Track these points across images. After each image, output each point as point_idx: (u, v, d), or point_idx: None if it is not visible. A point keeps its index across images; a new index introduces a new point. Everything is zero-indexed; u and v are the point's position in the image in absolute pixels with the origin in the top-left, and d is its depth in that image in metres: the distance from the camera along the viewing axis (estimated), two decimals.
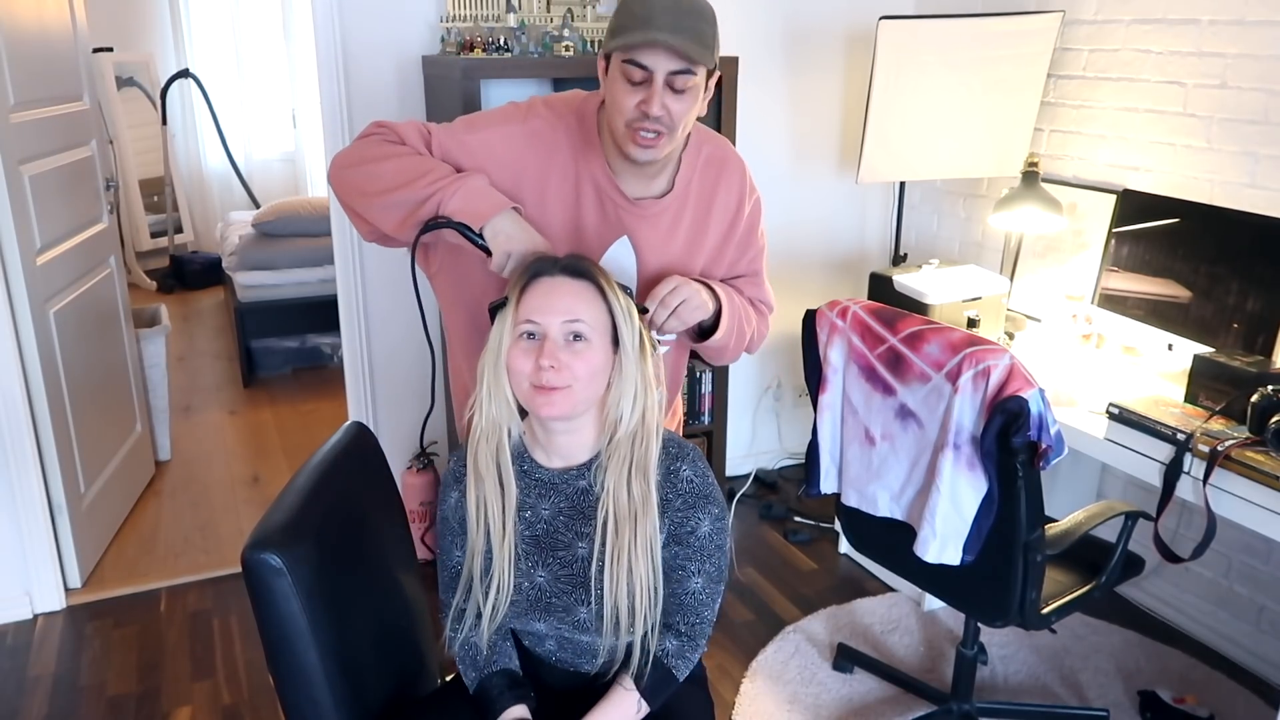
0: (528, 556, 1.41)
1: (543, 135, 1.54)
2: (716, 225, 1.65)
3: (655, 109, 1.41)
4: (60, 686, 2.46)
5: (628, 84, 1.42)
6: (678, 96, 1.43)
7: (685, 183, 1.60)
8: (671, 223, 1.60)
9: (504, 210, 1.44)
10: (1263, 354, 2.16)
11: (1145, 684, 2.46)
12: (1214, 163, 2.48)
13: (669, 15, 1.38)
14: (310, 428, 4.06)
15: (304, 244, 4.61)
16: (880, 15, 2.71)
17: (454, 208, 1.43)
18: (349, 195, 1.52)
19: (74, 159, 3.01)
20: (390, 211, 1.48)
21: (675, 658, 1.42)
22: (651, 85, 1.40)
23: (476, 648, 1.45)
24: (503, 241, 1.43)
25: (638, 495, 1.35)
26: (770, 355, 3.53)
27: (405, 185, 1.46)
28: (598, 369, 1.34)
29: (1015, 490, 1.78)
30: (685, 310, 1.50)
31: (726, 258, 1.68)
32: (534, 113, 1.56)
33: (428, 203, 1.44)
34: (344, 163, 1.53)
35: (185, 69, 6.13)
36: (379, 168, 1.49)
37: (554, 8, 2.88)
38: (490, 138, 1.54)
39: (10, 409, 2.60)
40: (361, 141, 1.55)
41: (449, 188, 1.44)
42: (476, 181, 1.46)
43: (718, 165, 1.64)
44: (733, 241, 1.68)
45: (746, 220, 1.68)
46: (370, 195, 1.49)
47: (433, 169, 1.47)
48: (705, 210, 1.63)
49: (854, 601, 2.82)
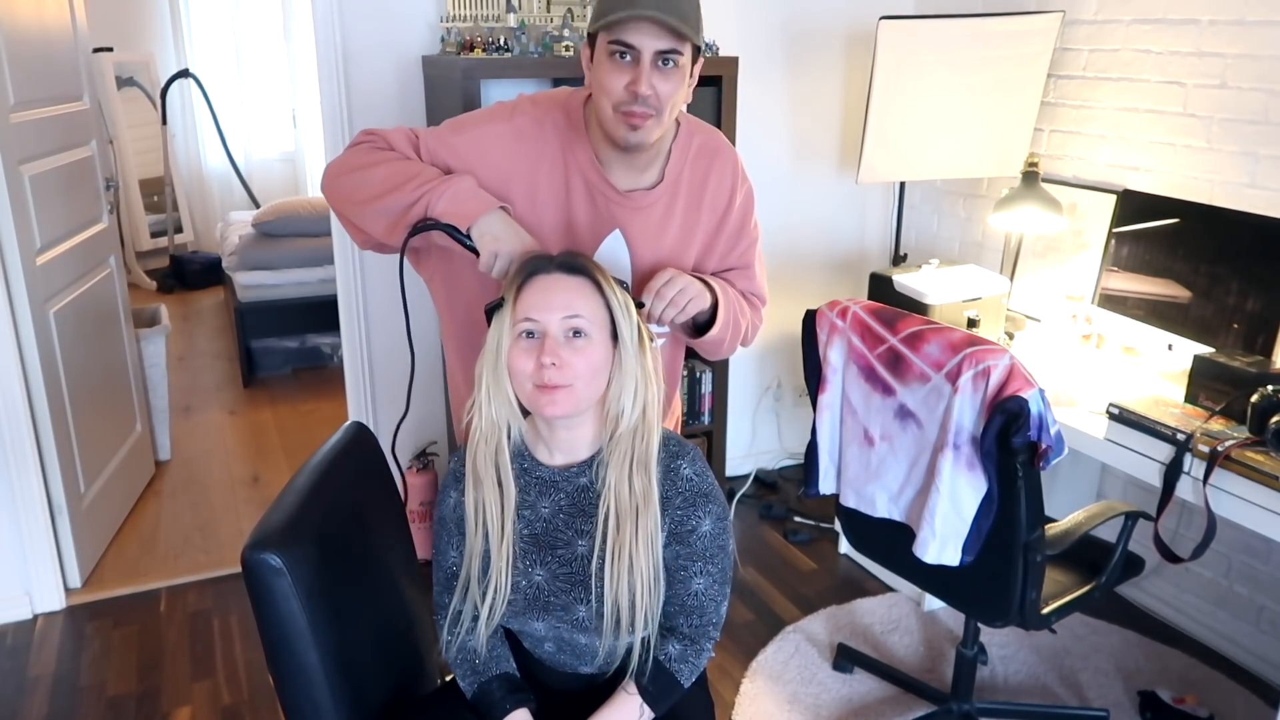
0: (526, 555, 1.41)
1: (529, 132, 1.54)
2: (708, 216, 1.64)
3: (644, 88, 1.41)
4: (60, 686, 2.46)
5: (615, 65, 1.41)
6: (665, 76, 1.42)
7: (676, 174, 1.60)
8: (663, 214, 1.59)
9: (491, 210, 1.44)
10: (1263, 354, 2.16)
11: (1145, 684, 2.46)
12: (1214, 163, 2.48)
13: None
14: (310, 428, 4.06)
15: (304, 244, 4.62)
16: (880, 15, 2.71)
17: (441, 209, 1.43)
18: (341, 204, 1.53)
19: (74, 159, 3.01)
20: (381, 218, 1.48)
21: (679, 662, 1.42)
22: (639, 65, 1.40)
23: (473, 651, 1.44)
24: (489, 242, 1.42)
25: (639, 490, 1.35)
26: (770, 355, 3.53)
27: (394, 190, 1.46)
28: (599, 365, 1.34)
29: (1015, 490, 1.78)
30: (682, 300, 1.49)
31: (718, 249, 1.68)
32: (520, 110, 1.56)
33: (416, 206, 1.45)
34: (334, 171, 1.54)
35: (185, 69, 6.14)
36: (368, 174, 1.50)
37: (554, 8, 2.88)
38: (477, 137, 1.54)
39: (10, 409, 2.60)
40: (351, 150, 1.55)
41: (436, 190, 1.44)
42: (464, 183, 1.46)
43: (709, 155, 1.64)
44: (724, 232, 1.67)
45: (739, 211, 1.68)
46: (360, 203, 1.49)
47: (420, 172, 1.47)
48: (696, 201, 1.63)
49: (854, 601, 2.82)
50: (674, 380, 1.79)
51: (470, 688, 1.44)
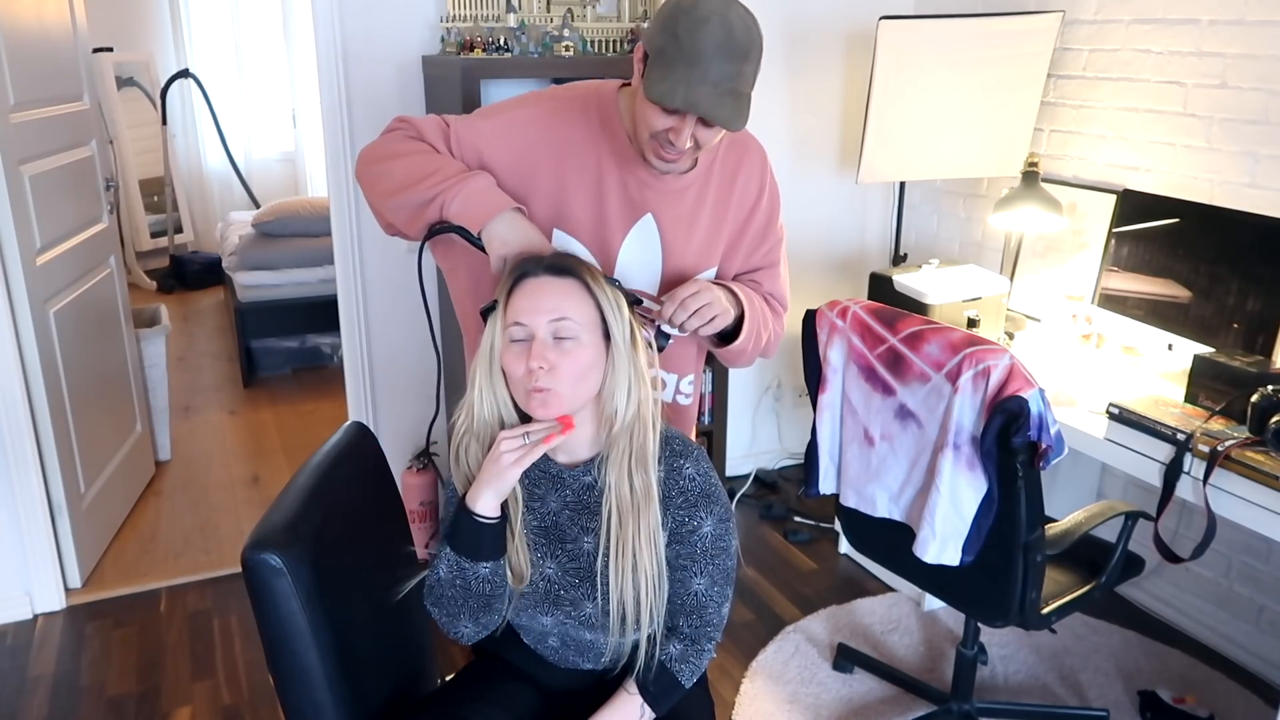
0: (537, 547, 1.42)
1: (561, 113, 1.55)
2: (737, 209, 1.64)
3: (683, 143, 1.42)
4: (60, 686, 2.46)
5: (660, 112, 1.41)
6: (709, 129, 1.43)
7: (708, 163, 1.59)
8: (695, 201, 1.59)
9: (501, 213, 1.44)
10: (1263, 354, 2.16)
11: (1145, 684, 2.46)
12: (1214, 163, 2.48)
13: (718, 61, 1.35)
14: (310, 428, 4.06)
15: (304, 244, 4.62)
16: (880, 15, 2.71)
17: (455, 211, 1.44)
18: (368, 192, 1.55)
19: (74, 159, 3.01)
20: (400, 212, 1.50)
21: (680, 662, 1.42)
22: (684, 118, 1.40)
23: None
24: (497, 246, 1.43)
25: (639, 487, 1.35)
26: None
27: (412, 186, 1.47)
28: (587, 366, 1.34)
29: (1015, 490, 1.78)
30: (707, 314, 1.49)
31: (744, 245, 1.68)
32: (552, 95, 1.58)
33: (431, 205, 1.46)
34: (365, 159, 1.56)
35: (185, 69, 6.13)
36: (390, 166, 1.51)
37: (554, 8, 2.88)
38: (508, 121, 1.55)
39: (10, 409, 2.60)
40: (382, 138, 1.57)
41: (451, 190, 1.44)
42: (479, 182, 1.46)
43: (740, 149, 1.65)
44: (752, 228, 1.67)
45: (765, 208, 1.68)
46: (382, 194, 1.51)
47: (439, 169, 1.48)
48: (727, 192, 1.63)
49: (854, 601, 2.82)
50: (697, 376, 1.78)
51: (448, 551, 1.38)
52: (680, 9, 1.37)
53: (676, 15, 1.37)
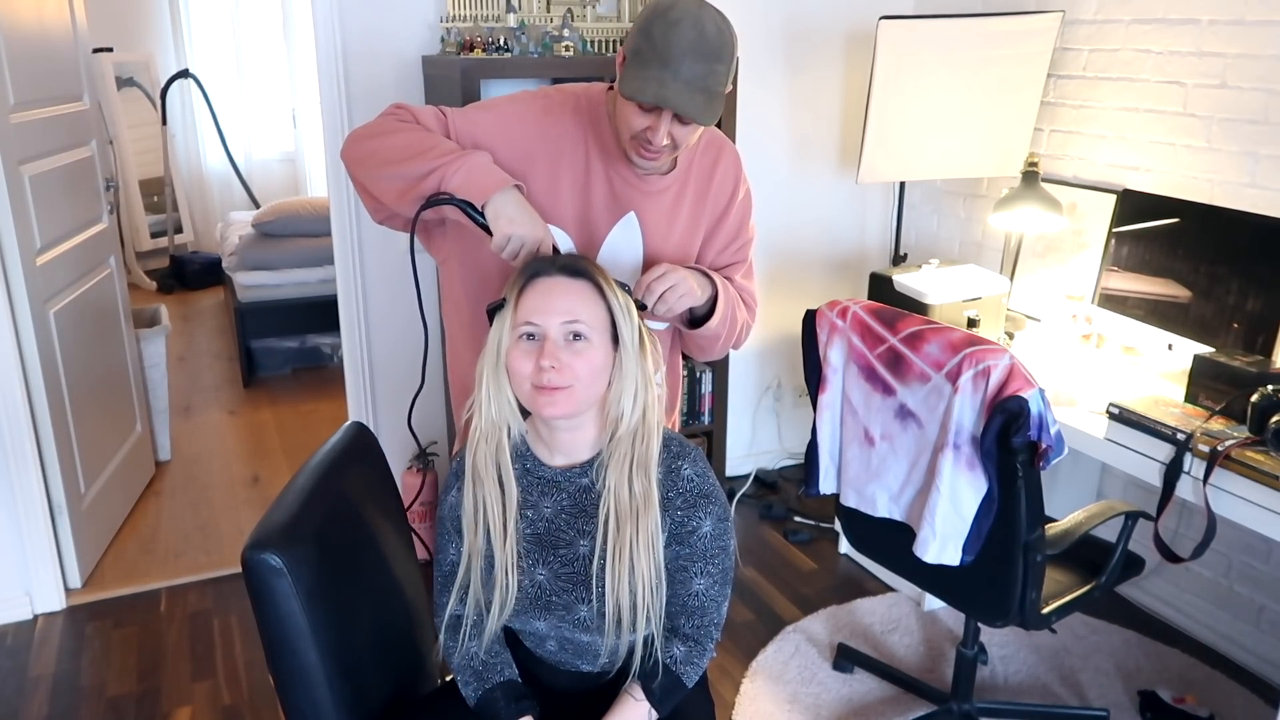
0: (529, 555, 1.41)
1: (554, 111, 1.58)
2: (711, 208, 1.68)
3: (659, 140, 1.45)
4: (60, 687, 2.46)
5: (636, 110, 1.45)
6: (685, 127, 1.47)
7: (686, 163, 1.64)
8: (674, 201, 1.64)
9: (505, 188, 1.45)
10: (1263, 354, 2.16)
11: (1145, 684, 2.46)
12: (1214, 163, 2.48)
13: (689, 60, 1.39)
14: (310, 428, 4.06)
15: (304, 244, 4.62)
16: (880, 15, 2.71)
17: (456, 184, 1.44)
18: (354, 166, 1.55)
19: (74, 159, 3.01)
20: (393, 183, 1.49)
21: (683, 664, 1.42)
22: (660, 115, 1.44)
23: (475, 656, 1.44)
24: (504, 224, 1.43)
25: (639, 492, 1.35)
26: (770, 355, 3.53)
27: (410, 158, 1.47)
28: (598, 368, 1.34)
29: (1015, 490, 1.78)
30: (672, 297, 1.51)
31: (719, 238, 1.72)
32: (545, 93, 1.62)
33: (430, 177, 1.45)
34: (357, 136, 1.56)
35: (185, 69, 6.14)
36: (386, 141, 1.51)
37: (554, 8, 2.88)
38: (504, 114, 1.58)
39: (10, 409, 2.60)
40: (377, 119, 1.58)
41: (452, 164, 1.45)
42: (480, 158, 1.47)
43: (715, 149, 1.69)
44: (727, 222, 1.71)
45: (739, 209, 1.72)
46: (373, 166, 1.51)
47: (438, 145, 1.49)
48: (703, 193, 1.67)
49: (854, 601, 2.82)
50: (675, 384, 1.80)
51: (474, 695, 1.43)
52: (656, 12, 1.41)
53: (652, 18, 1.42)
